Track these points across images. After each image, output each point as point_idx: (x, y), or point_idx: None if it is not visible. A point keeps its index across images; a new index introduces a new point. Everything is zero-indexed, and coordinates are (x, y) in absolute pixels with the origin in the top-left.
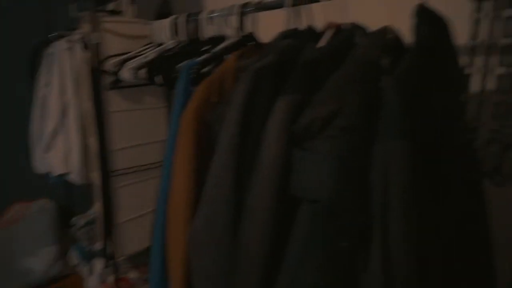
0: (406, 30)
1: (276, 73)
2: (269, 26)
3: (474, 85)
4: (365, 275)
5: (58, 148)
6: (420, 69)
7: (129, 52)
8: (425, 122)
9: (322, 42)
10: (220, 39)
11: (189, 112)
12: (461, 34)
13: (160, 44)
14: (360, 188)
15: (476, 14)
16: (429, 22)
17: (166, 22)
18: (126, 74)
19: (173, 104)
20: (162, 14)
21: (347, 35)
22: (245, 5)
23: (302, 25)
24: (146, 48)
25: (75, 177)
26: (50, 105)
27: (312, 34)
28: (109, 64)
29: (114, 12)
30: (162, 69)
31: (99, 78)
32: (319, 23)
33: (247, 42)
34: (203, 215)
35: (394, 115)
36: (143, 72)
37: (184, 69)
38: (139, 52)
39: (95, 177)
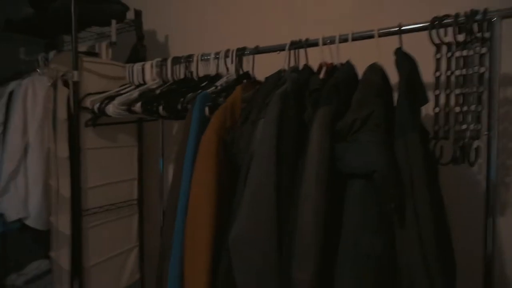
0: (388, 67)
1: (295, 97)
2: (262, 66)
3: (441, 102)
4: (401, 230)
5: (16, 191)
6: (407, 86)
7: (107, 91)
8: (421, 124)
9: (321, 75)
10: (215, 77)
11: (211, 133)
12: (428, 67)
13: (141, 84)
14: (394, 165)
15: (437, 54)
16: (405, 59)
17: (147, 64)
18: (113, 109)
19: (186, 130)
20: (134, 58)
21: (347, 69)
22: (242, 49)
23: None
24: (125, 88)
25: (33, 221)
26: (10, 145)
27: (309, 70)
28: (90, 102)
29: (91, 54)
30: (163, 102)
31: (79, 115)
32: (311, 63)
33: (244, 79)
34: (245, 218)
35: (407, 116)
36: (138, 106)
37: (199, 99)
38: (118, 91)
39: (59, 220)
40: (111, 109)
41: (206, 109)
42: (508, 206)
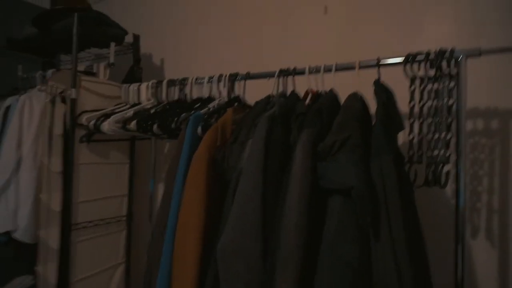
0: (367, 96)
1: (282, 119)
2: (253, 91)
3: (415, 129)
4: (376, 243)
5: (6, 203)
6: (384, 113)
7: (102, 109)
8: (393, 146)
9: (307, 101)
10: (207, 99)
11: (202, 150)
12: (404, 98)
13: (136, 104)
14: (369, 183)
15: (411, 87)
16: (382, 89)
17: (143, 85)
18: (108, 127)
19: (179, 147)
20: (130, 79)
21: (330, 96)
22: (234, 75)
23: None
24: (121, 107)
25: (21, 234)
26: (3, 158)
27: (296, 96)
28: (86, 118)
29: (88, 73)
30: (158, 120)
31: (74, 131)
32: (298, 90)
33: (235, 102)
34: (232, 229)
35: (383, 140)
36: (133, 124)
37: (193, 119)
38: (114, 109)
39: (48, 234)
40: (107, 126)
41: (199, 128)
42: (480, 230)
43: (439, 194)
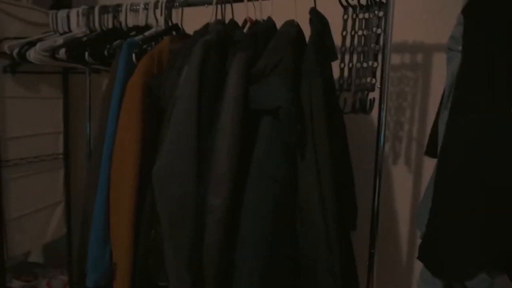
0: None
1: (218, 45)
2: (192, 20)
3: (346, 59)
4: (302, 161)
5: None
6: (318, 41)
7: (27, 37)
8: (325, 72)
9: (245, 30)
10: (144, 28)
11: (137, 78)
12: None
13: (66, 33)
14: (297, 103)
15: (344, 15)
16: (318, 17)
17: (73, 11)
18: (34, 55)
19: (113, 75)
20: (58, 5)
21: (267, 23)
22: (171, 1)
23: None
24: (50, 35)
25: None
26: None
27: (235, 24)
28: (8, 46)
29: None
30: (90, 48)
31: None
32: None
33: (173, 31)
34: (167, 153)
35: (314, 64)
36: (62, 52)
37: (127, 45)
38: (41, 38)
39: None
40: (32, 54)
41: (133, 55)
42: (400, 157)
43: (368, 123)
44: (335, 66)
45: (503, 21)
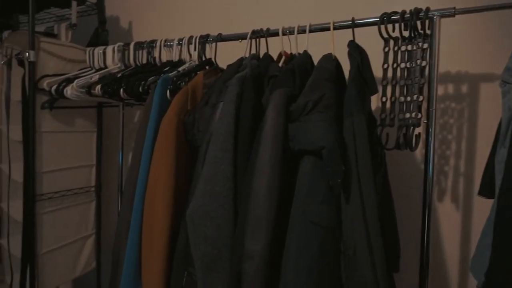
0: (341, 57)
1: (254, 81)
2: (225, 54)
3: (388, 92)
4: (347, 204)
5: None
6: (358, 75)
7: (65, 74)
8: (366, 108)
9: (280, 63)
10: (178, 62)
11: (171, 115)
12: (377, 59)
13: (102, 69)
14: (341, 143)
15: (385, 48)
16: (357, 50)
17: (109, 48)
18: (71, 92)
19: (147, 111)
20: (95, 42)
21: (304, 58)
22: (205, 36)
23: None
24: (86, 71)
25: None
26: None
27: (269, 58)
28: (47, 83)
29: (48, 34)
30: (125, 84)
31: (34, 97)
32: (272, 52)
33: (206, 65)
34: (201, 193)
35: (355, 100)
36: (98, 88)
37: (161, 82)
38: (77, 74)
39: (10, 205)
40: (70, 91)
41: (167, 92)
42: (446, 193)
43: (409, 157)
44: (376, 100)
45: None
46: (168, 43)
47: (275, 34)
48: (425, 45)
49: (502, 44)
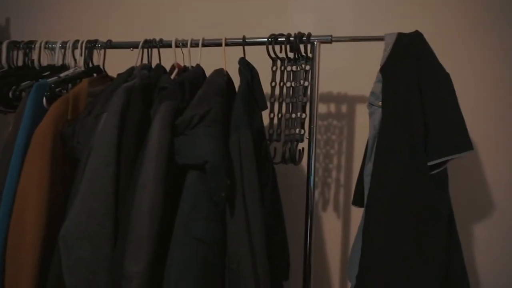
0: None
1: (142, 91)
2: (116, 62)
3: (275, 109)
4: (231, 219)
5: None
6: (248, 91)
7: None
8: (255, 123)
9: (173, 75)
10: (60, 68)
11: (46, 125)
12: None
13: None
14: (226, 157)
15: (273, 67)
16: (247, 67)
17: None
18: None
19: (17, 121)
20: None
21: (196, 71)
22: (93, 41)
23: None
24: None
25: None
26: None
27: (162, 69)
28: None
29: None
30: None
31: None
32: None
33: (94, 73)
34: (77, 211)
35: (243, 115)
36: None
37: (36, 88)
38: None
39: None
40: None
41: (44, 99)
42: (329, 203)
43: (297, 172)
44: (265, 115)
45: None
46: (50, 45)
47: (168, 45)
48: (307, 67)
49: (375, 70)
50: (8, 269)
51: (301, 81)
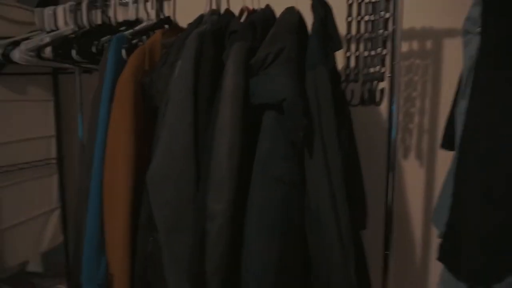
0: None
1: (213, 36)
2: (185, 11)
3: (352, 47)
4: (310, 159)
5: None
6: (322, 28)
7: (12, 37)
8: (330, 62)
9: (242, 19)
10: (135, 22)
11: (127, 75)
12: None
13: (53, 31)
14: (303, 95)
15: (349, 0)
16: (320, 3)
17: (60, 8)
18: (20, 55)
19: (102, 72)
20: (44, 2)
21: (266, 12)
22: None
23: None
24: (36, 34)
25: None
26: None
27: (231, 14)
28: None
29: None
30: (77, 45)
31: None
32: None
33: (165, 24)
34: (161, 154)
35: (318, 53)
36: (48, 51)
37: (115, 41)
38: (26, 37)
39: None
40: (17, 55)
41: (123, 51)
42: (411, 150)
43: (374, 115)
44: (341, 55)
45: None
46: (124, 1)
47: None
48: None
49: None
50: (106, 211)
51: (381, 13)
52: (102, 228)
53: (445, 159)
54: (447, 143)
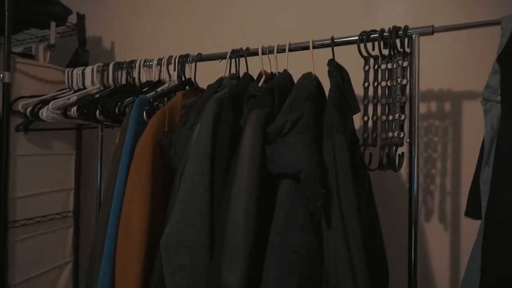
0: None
1: (232, 101)
2: (205, 74)
3: (370, 111)
4: (328, 230)
5: None
6: (339, 94)
7: (43, 95)
8: (348, 127)
9: (260, 83)
10: (157, 83)
11: (147, 137)
12: (358, 78)
13: (80, 90)
14: (320, 165)
15: (365, 66)
16: (337, 69)
17: (88, 69)
18: (47, 114)
19: (123, 134)
20: (75, 63)
21: (284, 77)
22: (185, 56)
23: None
24: (64, 93)
25: None
26: None
27: (249, 78)
28: (22, 105)
29: (26, 55)
30: (100, 106)
31: (9, 119)
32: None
33: (186, 85)
34: (176, 220)
35: (336, 119)
36: (73, 110)
37: (137, 103)
38: (55, 95)
39: None
40: (45, 113)
41: (144, 113)
42: (433, 213)
43: (394, 177)
44: (358, 118)
45: None
46: (148, 63)
47: (254, 53)
48: (405, 63)
49: (484, 61)
50: (118, 270)
51: (398, 79)
52: (113, 285)
53: (470, 222)
54: (472, 211)
